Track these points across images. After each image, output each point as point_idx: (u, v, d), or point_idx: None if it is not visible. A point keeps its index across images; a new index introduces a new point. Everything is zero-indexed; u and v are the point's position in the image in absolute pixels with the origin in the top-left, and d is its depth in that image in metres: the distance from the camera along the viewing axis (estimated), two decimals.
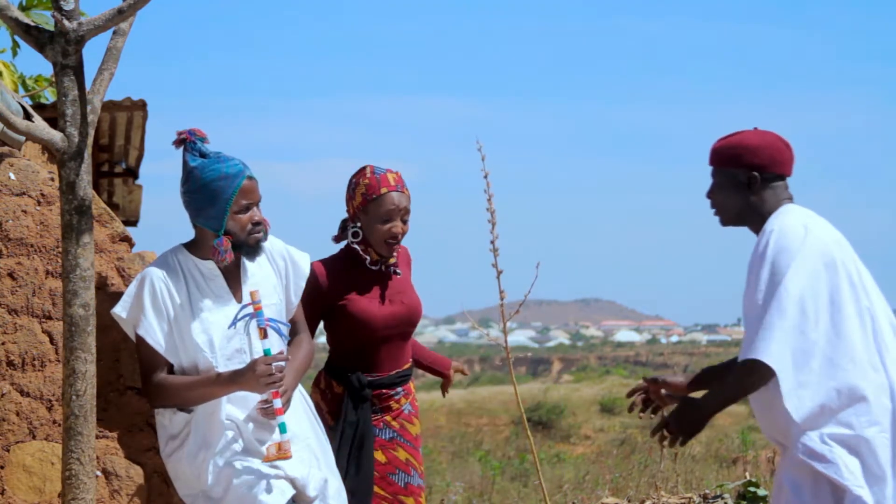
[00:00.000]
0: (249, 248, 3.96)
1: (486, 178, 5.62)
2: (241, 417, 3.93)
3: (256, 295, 3.91)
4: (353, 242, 4.44)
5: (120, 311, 3.92)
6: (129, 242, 4.26)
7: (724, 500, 7.76)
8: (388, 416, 4.46)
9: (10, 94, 4.28)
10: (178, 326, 3.91)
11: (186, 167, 3.93)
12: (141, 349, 3.93)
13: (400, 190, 4.40)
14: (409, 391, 4.54)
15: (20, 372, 4.00)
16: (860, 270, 3.70)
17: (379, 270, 4.47)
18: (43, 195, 4.13)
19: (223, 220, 3.90)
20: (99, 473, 3.95)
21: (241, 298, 4.01)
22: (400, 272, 4.51)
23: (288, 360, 3.94)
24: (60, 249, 3.77)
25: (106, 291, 4.09)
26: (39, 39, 3.67)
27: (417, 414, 4.58)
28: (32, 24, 3.70)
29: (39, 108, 7.51)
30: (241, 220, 3.92)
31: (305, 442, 3.98)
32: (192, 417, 3.92)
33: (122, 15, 3.67)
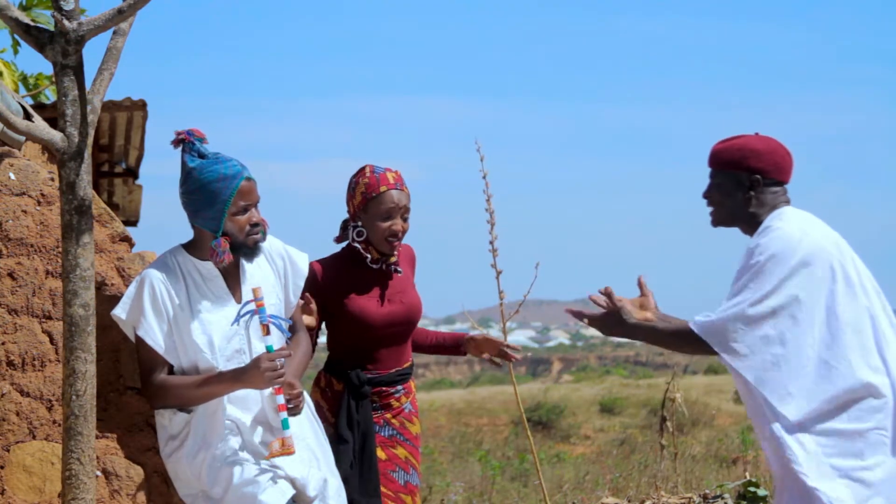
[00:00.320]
0: (248, 249, 3.96)
1: (485, 178, 5.63)
2: (241, 417, 3.94)
3: (259, 292, 3.91)
4: (355, 241, 4.45)
5: (120, 312, 3.92)
6: (129, 242, 4.26)
7: (724, 500, 7.76)
8: (388, 413, 4.47)
9: (10, 94, 4.28)
10: (177, 327, 3.91)
11: (185, 168, 3.92)
12: (141, 350, 3.93)
13: (399, 188, 4.41)
14: (409, 390, 4.55)
15: (20, 372, 4.00)
16: (859, 270, 3.71)
17: (380, 269, 4.48)
18: (43, 195, 4.13)
19: (221, 221, 3.90)
20: (99, 473, 3.95)
21: (240, 299, 4.01)
22: (401, 270, 4.51)
23: (290, 355, 3.95)
24: (60, 249, 3.77)
25: (106, 291, 4.09)
26: (39, 39, 3.67)
27: (417, 413, 4.59)
28: (32, 23, 3.70)
29: (39, 108, 7.52)
30: (239, 221, 3.92)
31: (305, 442, 3.98)
32: (191, 418, 3.93)
33: (122, 15, 3.67)
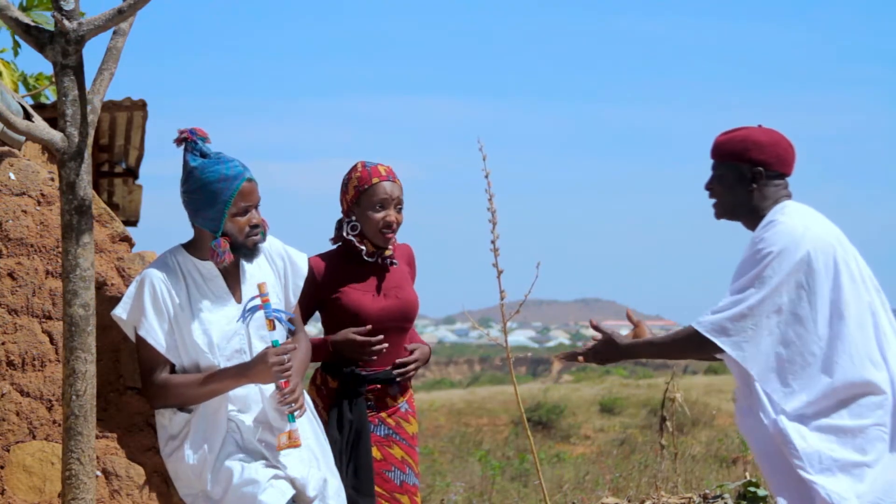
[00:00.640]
0: (247, 250, 3.96)
1: (486, 177, 5.62)
2: (241, 417, 3.94)
3: (264, 287, 3.92)
4: (349, 234, 4.45)
5: (120, 312, 3.92)
6: (129, 242, 4.26)
7: (724, 500, 7.76)
8: (383, 412, 4.46)
9: (10, 94, 4.28)
10: (178, 327, 3.91)
11: (186, 167, 3.92)
12: (142, 350, 3.93)
13: (391, 180, 4.42)
14: (405, 389, 4.54)
15: (20, 372, 4.00)
16: (860, 266, 3.71)
17: (375, 263, 4.48)
18: (43, 195, 4.13)
19: (221, 221, 3.90)
20: (99, 473, 3.95)
21: (240, 298, 4.01)
22: (396, 262, 4.51)
23: (296, 348, 3.97)
24: (60, 249, 3.77)
25: (106, 291, 4.09)
26: (39, 39, 3.67)
27: (415, 413, 4.58)
28: (32, 24, 3.70)
29: (39, 108, 7.51)
30: (239, 222, 3.92)
31: (305, 442, 3.98)
32: (191, 417, 3.93)
33: (122, 15, 3.67)
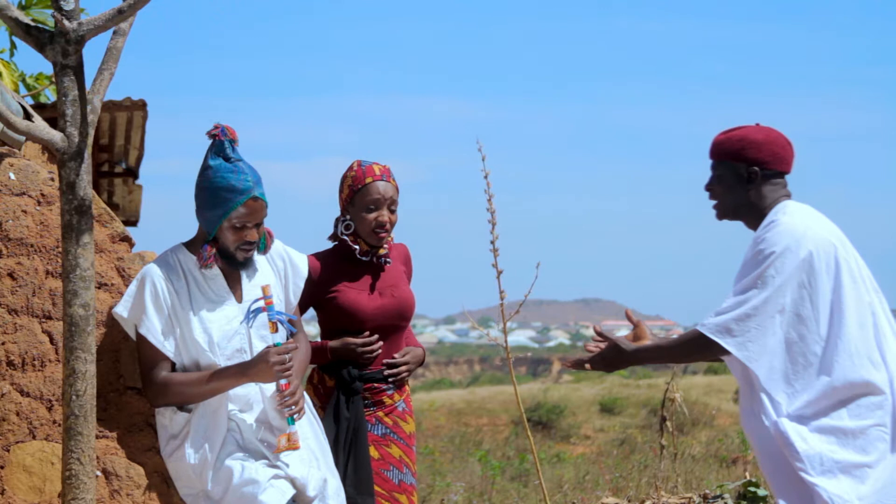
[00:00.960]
0: (235, 260, 3.97)
1: (486, 178, 5.63)
2: (242, 417, 3.94)
3: (268, 289, 3.92)
4: (343, 234, 4.46)
5: (121, 310, 3.92)
6: (129, 242, 4.26)
7: (724, 500, 7.76)
8: (380, 411, 4.46)
9: (10, 94, 4.28)
10: (179, 325, 3.91)
11: (205, 163, 3.94)
12: (142, 348, 3.94)
13: (385, 179, 4.43)
14: (402, 388, 4.54)
15: (20, 372, 4.00)
16: (860, 266, 3.71)
17: (370, 262, 4.48)
18: (43, 195, 4.13)
19: (215, 228, 3.91)
20: (99, 473, 3.95)
21: (240, 298, 4.01)
22: (390, 261, 4.52)
23: (297, 348, 3.97)
24: (60, 249, 3.77)
25: (106, 291, 4.09)
26: (39, 39, 3.67)
27: (412, 412, 4.58)
28: (32, 23, 3.69)
29: (39, 108, 7.51)
30: (233, 234, 3.92)
31: (305, 442, 3.98)
32: (192, 417, 3.93)
33: (122, 15, 3.67)
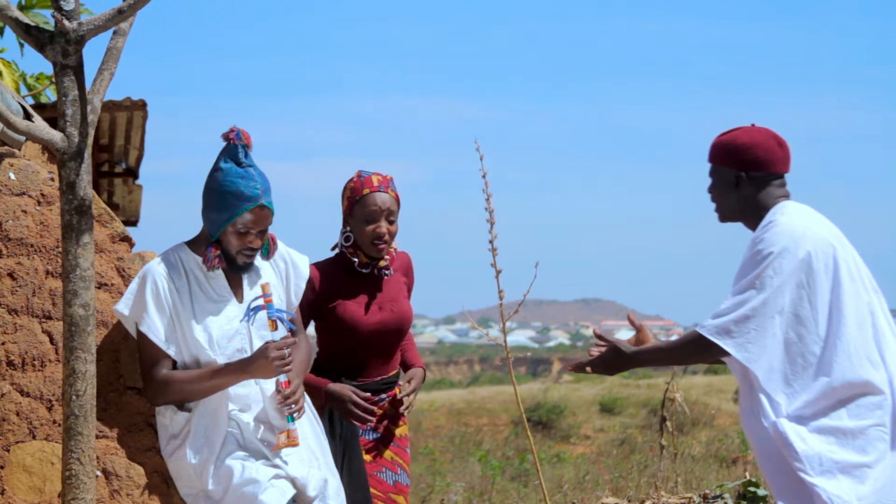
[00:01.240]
0: (236, 264, 3.98)
1: (484, 177, 5.63)
2: (242, 416, 3.94)
3: (268, 288, 3.94)
4: (343, 246, 4.44)
5: (122, 308, 3.93)
6: (129, 242, 4.26)
7: (724, 500, 7.76)
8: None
9: (10, 94, 4.28)
10: (179, 323, 3.92)
11: (216, 165, 3.95)
12: (143, 346, 3.94)
13: (384, 190, 4.39)
14: (394, 397, 4.54)
15: (20, 372, 4.00)
16: (859, 266, 3.70)
17: (370, 273, 4.46)
18: (43, 195, 4.13)
19: (219, 231, 3.92)
20: (99, 473, 3.95)
21: (241, 298, 4.02)
22: (390, 272, 4.49)
23: (295, 342, 3.97)
24: (60, 249, 3.77)
25: (106, 291, 4.09)
26: (39, 39, 3.67)
27: (405, 417, 4.57)
28: (32, 24, 3.70)
29: (39, 108, 7.52)
30: (235, 239, 3.93)
31: (305, 442, 3.99)
32: (192, 416, 3.93)
33: (122, 15, 3.67)
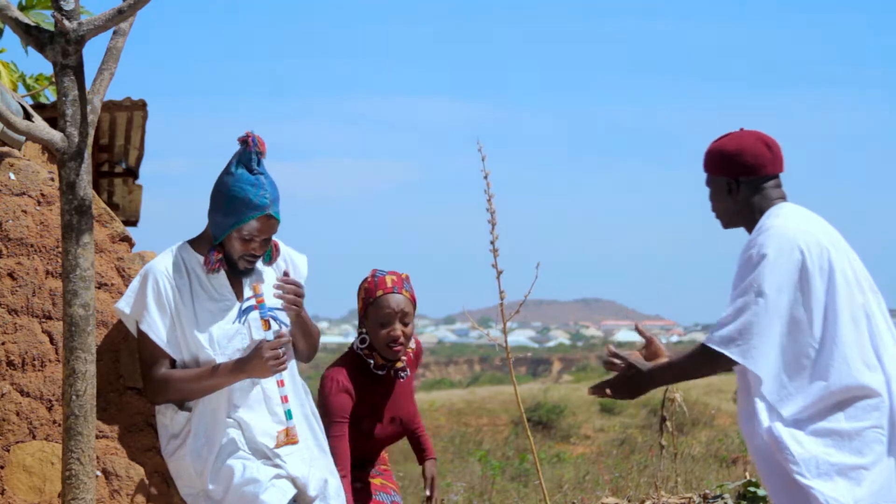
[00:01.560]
0: (237, 269, 3.99)
1: (486, 178, 5.62)
2: (242, 416, 3.94)
3: (259, 288, 3.96)
4: (359, 348, 4.36)
5: (123, 306, 3.93)
6: (129, 242, 4.26)
7: (724, 500, 7.76)
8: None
9: (10, 94, 4.28)
10: (180, 322, 3.92)
11: (227, 168, 3.96)
12: (143, 344, 3.94)
13: (398, 292, 4.31)
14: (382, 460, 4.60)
15: (20, 372, 4.00)
16: (855, 268, 3.67)
17: (386, 375, 4.40)
18: (43, 195, 4.13)
19: (223, 234, 3.93)
20: (99, 473, 3.95)
21: (242, 298, 4.02)
22: (406, 374, 4.43)
23: (290, 341, 3.99)
24: (60, 249, 3.77)
25: (106, 291, 4.09)
26: (39, 39, 3.67)
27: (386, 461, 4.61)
28: (33, 24, 3.70)
29: (39, 108, 7.51)
30: (238, 245, 3.95)
31: (305, 442, 3.99)
32: (192, 416, 3.93)
33: (122, 15, 3.67)
